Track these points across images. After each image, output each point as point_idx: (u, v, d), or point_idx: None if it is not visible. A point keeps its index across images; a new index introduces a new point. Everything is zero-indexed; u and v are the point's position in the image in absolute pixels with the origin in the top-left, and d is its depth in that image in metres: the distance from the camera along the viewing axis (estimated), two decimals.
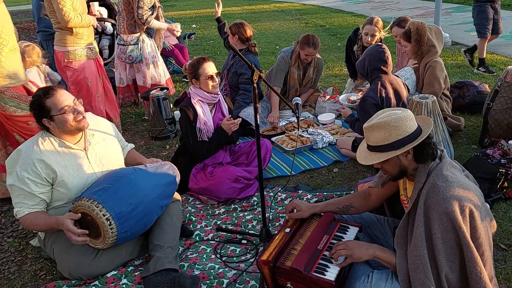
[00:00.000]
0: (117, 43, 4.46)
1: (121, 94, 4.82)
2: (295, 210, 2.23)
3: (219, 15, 4.54)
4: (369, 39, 4.21)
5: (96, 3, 3.88)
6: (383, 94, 3.00)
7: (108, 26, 5.33)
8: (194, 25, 11.94)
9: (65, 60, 3.68)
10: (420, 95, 3.01)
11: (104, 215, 2.07)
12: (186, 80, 5.90)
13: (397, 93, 3.08)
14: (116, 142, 2.57)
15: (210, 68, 3.05)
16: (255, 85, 2.26)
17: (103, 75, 4.01)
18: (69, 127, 2.23)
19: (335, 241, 2.03)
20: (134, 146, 2.82)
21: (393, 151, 1.79)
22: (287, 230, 2.14)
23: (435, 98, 3.03)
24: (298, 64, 4.36)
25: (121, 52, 4.44)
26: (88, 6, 3.82)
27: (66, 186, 2.24)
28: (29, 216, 2.19)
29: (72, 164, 2.28)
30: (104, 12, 5.23)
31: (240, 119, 3.22)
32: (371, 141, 1.86)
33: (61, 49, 3.69)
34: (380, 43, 3.11)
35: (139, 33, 4.39)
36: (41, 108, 2.19)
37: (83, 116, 2.27)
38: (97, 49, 4.05)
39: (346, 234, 2.11)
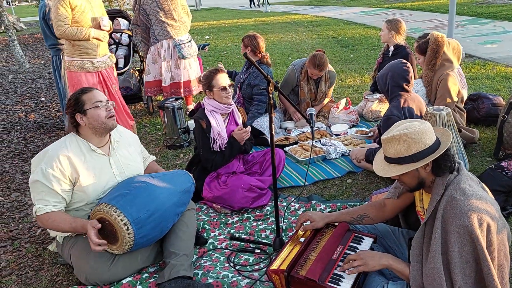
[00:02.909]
0: (175, 45, 4.86)
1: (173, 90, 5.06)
2: (308, 222, 2.24)
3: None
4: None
5: (106, 18, 3.95)
6: (407, 112, 2.95)
7: (124, 36, 5.44)
8: (207, 36, 12.11)
9: (66, 69, 3.94)
10: (435, 106, 3.00)
11: (122, 220, 2.10)
12: (200, 90, 5.98)
13: (419, 111, 3.02)
14: (138, 153, 2.64)
15: (223, 79, 3.10)
16: (271, 95, 2.30)
17: (108, 88, 4.04)
18: (101, 123, 2.31)
19: (349, 252, 2.03)
20: (155, 158, 2.87)
21: (412, 164, 1.78)
22: (302, 239, 2.15)
23: (450, 109, 3.02)
24: (308, 78, 4.38)
25: (188, 48, 4.92)
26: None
27: (86, 188, 2.29)
28: (52, 215, 2.22)
29: (94, 167, 2.33)
30: (125, 24, 5.37)
31: (250, 126, 3.25)
32: (389, 153, 1.84)
33: (65, 58, 3.95)
34: (405, 61, 3.01)
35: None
36: (77, 102, 2.30)
37: (114, 115, 2.37)
38: (114, 59, 4.14)
39: (360, 244, 2.11)
